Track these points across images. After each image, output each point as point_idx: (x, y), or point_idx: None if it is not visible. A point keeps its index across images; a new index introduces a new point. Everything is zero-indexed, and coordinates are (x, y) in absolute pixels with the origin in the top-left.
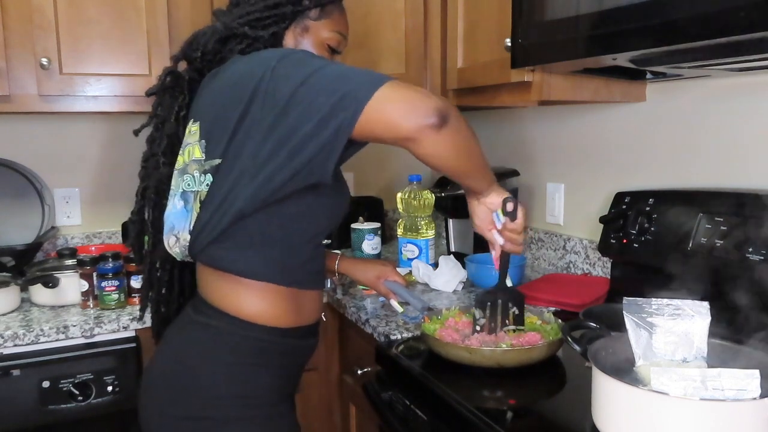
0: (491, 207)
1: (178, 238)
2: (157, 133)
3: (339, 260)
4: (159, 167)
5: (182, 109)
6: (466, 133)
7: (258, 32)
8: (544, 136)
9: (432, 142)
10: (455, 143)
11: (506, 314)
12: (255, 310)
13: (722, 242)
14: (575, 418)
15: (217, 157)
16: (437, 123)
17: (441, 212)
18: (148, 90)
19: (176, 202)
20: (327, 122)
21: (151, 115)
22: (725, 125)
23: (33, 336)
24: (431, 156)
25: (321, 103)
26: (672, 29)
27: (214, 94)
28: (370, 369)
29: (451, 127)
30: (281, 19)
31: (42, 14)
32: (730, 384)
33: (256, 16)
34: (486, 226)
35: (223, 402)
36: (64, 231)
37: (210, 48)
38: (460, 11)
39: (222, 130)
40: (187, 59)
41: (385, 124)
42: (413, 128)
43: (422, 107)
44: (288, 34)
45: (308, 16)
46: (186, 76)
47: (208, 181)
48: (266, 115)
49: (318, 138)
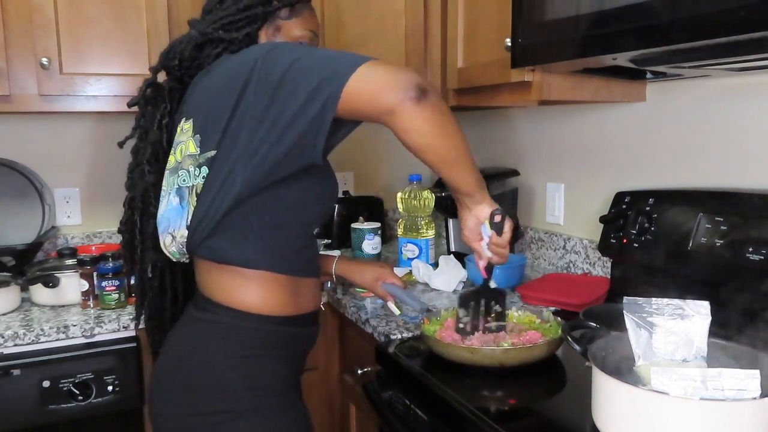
0: (480, 218)
1: (174, 236)
2: (141, 143)
3: (336, 262)
4: (144, 176)
5: (164, 117)
6: (445, 111)
7: (232, 34)
8: (544, 136)
9: (411, 115)
10: (435, 122)
11: (489, 312)
12: (255, 300)
13: (722, 242)
14: (575, 417)
15: (212, 149)
16: (415, 96)
17: (441, 212)
18: (129, 102)
19: (171, 200)
20: (312, 99)
21: (134, 126)
22: (725, 125)
23: (33, 336)
24: (410, 131)
25: (307, 82)
26: (672, 29)
27: (206, 90)
28: (370, 369)
29: (430, 101)
30: (253, 20)
31: (42, 14)
32: (730, 384)
33: (228, 20)
34: (474, 237)
35: (234, 395)
36: (65, 231)
37: (187, 55)
38: (460, 11)
39: (216, 121)
40: (166, 69)
41: (368, 97)
42: (393, 100)
43: (402, 80)
44: (261, 34)
45: (279, 16)
46: (166, 86)
47: (204, 174)
48: (260, 99)
49: (305, 115)
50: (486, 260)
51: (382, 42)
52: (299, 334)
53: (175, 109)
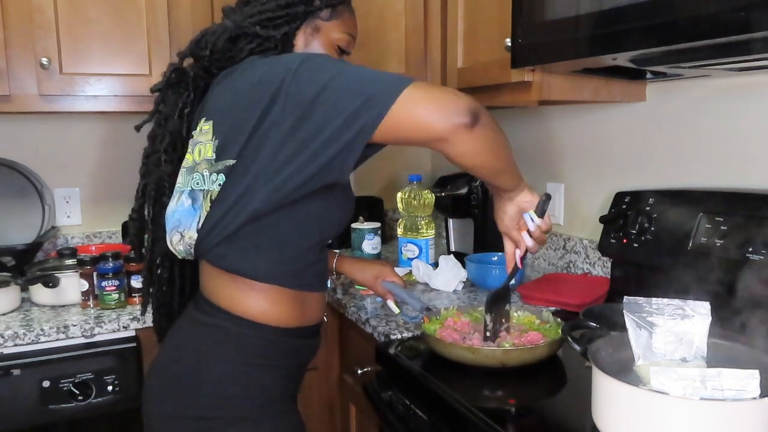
0: (525, 207)
1: (183, 236)
2: (159, 129)
3: (337, 260)
4: (160, 165)
5: (186, 106)
6: (497, 130)
7: (269, 32)
8: (544, 136)
9: (465, 142)
10: (488, 141)
11: (505, 313)
12: (260, 310)
13: (722, 242)
14: (575, 418)
15: (231, 158)
16: (470, 122)
17: (441, 212)
18: (153, 86)
19: (183, 200)
20: (350, 124)
21: (153, 111)
22: (725, 125)
23: (33, 336)
24: (465, 155)
25: (345, 105)
26: (672, 29)
27: (231, 94)
28: (370, 369)
29: (483, 125)
30: (293, 19)
31: (42, 14)
32: (729, 384)
33: (267, 15)
34: (514, 226)
35: (231, 402)
36: (65, 231)
37: (220, 46)
38: (460, 11)
39: (239, 130)
40: (195, 57)
41: (415, 125)
42: (446, 128)
43: (454, 106)
44: (299, 34)
45: (319, 16)
46: (191, 72)
47: (220, 181)
48: (287, 118)
49: (339, 140)
50: (524, 249)
51: (382, 42)
52: (301, 345)
53: (198, 98)
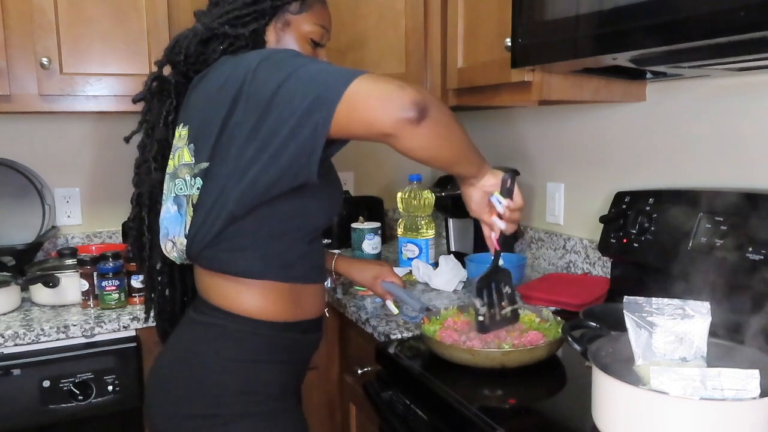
0: (489, 190)
1: (174, 242)
2: (147, 138)
3: (336, 260)
4: (151, 173)
5: (170, 113)
6: (447, 122)
7: (238, 30)
8: (544, 136)
9: (412, 137)
10: (438, 135)
11: (502, 296)
12: (256, 306)
13: (722, 242)
14: (575, 418)
15: (205, 161)
16: (415, 116)
17: (441, 212)
18: (134, 96)
19: (170, 207)
20: (304, 123)
21: (140, 121)
22: (725, 125)
23: (33, 335)
24: (414, 150)
25: (296, 104)
26: (672, 29)
27: (201, 97)
28: (370, 369)
29: (431, 119)
30: (261, 15)
31: (42, 14)
32: (729, 384)
33: (235, 14)
34: (483, 210)
35: (230, 399)
36: (65, 231)
37: (192, 50)
38: (460, 11)
39: (208, 133)
40: (171, 63)
41: (362, 121)
42: (389, 123)
43: (398, 100)
44: (269, 30)
45: (288, 10)
46: (172, 80)
47: (198, 185)
48: (248, 118)
49: (296, 139)
50: (498, 232)
51: (382, 42)
52: (300, 340)
53: (180, 104)
